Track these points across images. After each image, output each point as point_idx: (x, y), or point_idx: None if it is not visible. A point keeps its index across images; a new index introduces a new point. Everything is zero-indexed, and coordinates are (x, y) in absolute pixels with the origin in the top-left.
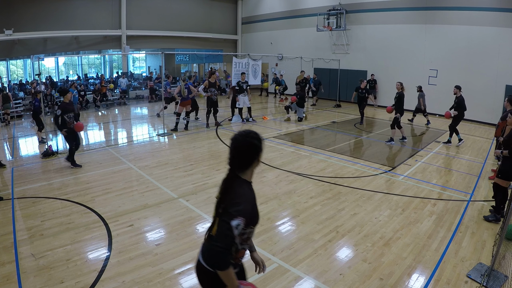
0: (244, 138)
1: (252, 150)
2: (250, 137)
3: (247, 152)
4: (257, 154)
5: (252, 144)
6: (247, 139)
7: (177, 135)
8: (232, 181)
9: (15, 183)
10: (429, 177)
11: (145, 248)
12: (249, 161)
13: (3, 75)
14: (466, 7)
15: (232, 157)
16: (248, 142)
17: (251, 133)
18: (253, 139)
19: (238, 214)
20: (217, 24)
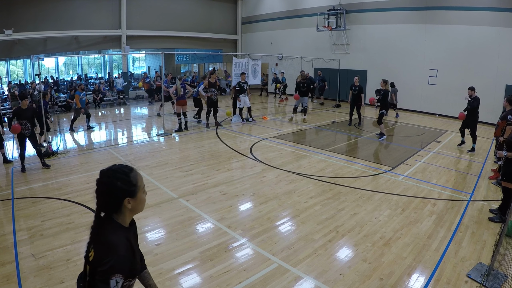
0: (105, 177)
1: (115, 192)
2: (112, 177)
3: (109, 194)
4: (119, 198)
5: (114, 186)
6: (109, 180)
7: (177, 135)
8: (102, 227)
9: (15, 183)
10: (429, 177)
11: (145, 248)
12: (110, 204)
13: (3, 75)
14: (466, 7)
15: (97, 199)
16: (109, 184)
17: (116, 172)
18: (116, 180)
19: (114, 271)
20: (217, 24)
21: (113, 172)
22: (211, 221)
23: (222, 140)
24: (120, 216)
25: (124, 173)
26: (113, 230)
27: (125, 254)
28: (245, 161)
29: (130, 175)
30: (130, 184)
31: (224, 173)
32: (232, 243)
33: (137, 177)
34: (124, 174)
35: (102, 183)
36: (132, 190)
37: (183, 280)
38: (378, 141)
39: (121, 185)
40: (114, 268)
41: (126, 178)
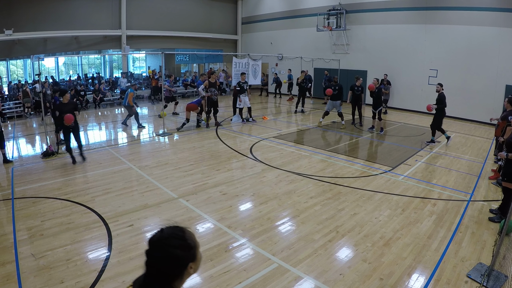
0: (161, 246)
1: (177, 262)
2: (171, 246)
3: (170, 267)
4: (182, 266)
5: (174, 257)
6: (166, 252)
7: (177, 135)
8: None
9: (15, 183)
10: (429, 177)
11: (145, 248)
12: (171, 274)
13: (3, 75)
14: (466, 7)
15: (147, 265)
16: (167, 256)
17: (173, 240)
18: (175, 249)
19: None
20: (217, 24)
21: (168, 241)
22: (211, 221)
23: (222, 140)
24: (176, 282)
25: (180, 237)
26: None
27: None
28: (245, 161)
29: (186, 238)
30: (190, 247)
31: (224, 173)
32: (232, 243)
33: (192, 237)
34: (181, 239)
35: (158, 257)
36: (193, 254)
37: None
38: (378, 142)
39: (182, 253)
40: None
41: (184, 243)
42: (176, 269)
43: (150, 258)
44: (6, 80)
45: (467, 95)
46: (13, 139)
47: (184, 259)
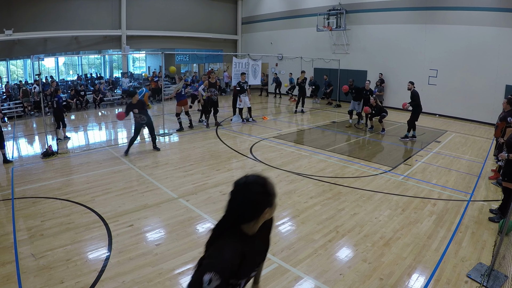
0: (245, 190)
1: (256, 205)
2: (253, 192)
3: (249, 208)
4: (260, 210)
5: (254, 199)
6: (249, 194)
7: (177, 135)
8: (223, 231)
9: (15, 183)
10: (429, 177)
11: (145, 248)
12: (248, 216)
13: (3, 75)
14: (466, 7)
15: (228, 207)
16: (249, 198)
17: (255, 185)
18: (257, 195)
19: (209, 268)
20: (217, 24)
21: (251, 186)
22: (211, 221)
23: (222, 140)
24: (251, 224)
25: (262, 184)
26: (230, 237)
27: (228, 259)
28: (245, 161)
29: (267, 185)
30: (269, 194)
31: (224, 173)
32: None
33: (272, 186)
34: (262, 186)
35: (240, 199)
36: (270, 200)
37: (183, 280)
38: (378, 142)
39: (261, 197)
40: (211, 267)
41: (264, 189)
42: (255, 212)
43: (233, 200)
44: (5, 80)
45: (467, 95)
46: (13, 139)
47: (262, 204)
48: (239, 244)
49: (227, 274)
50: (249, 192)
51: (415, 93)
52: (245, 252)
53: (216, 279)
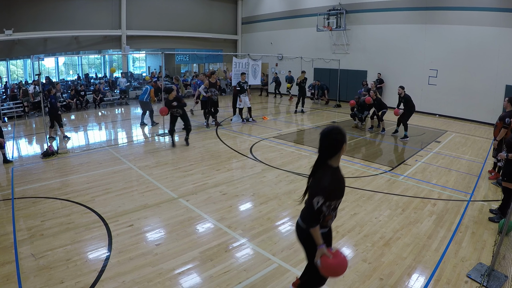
0: (330, 133)
1: (335, 144)
2: (336, 132)
3: (332, 145)
4: (340, 146)
5: (336, 139)
6: (332, 135)
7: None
8: (318, 166)
9: (15, 183)
10: (429, 177)
11: (145, 248)
12: (332, 152)
13: (3, 75)
14: (466, 7)
15: (319, 149)
16: (332, 139)
17: (336, 129)
18: (337, 134)
19: (316, 193)
20: (217, 24)
21: (331, 131)
22: (211, 221)
23: (222, 140)
24: (335, 159)
25: (337, 128)
26: (325, 168)
27: (327, 185)
28: (245, 161)
29: (341, 130)
30: (343, 134)
31: (224, 173)
32: (232, 243)
33: (343, 129)
34: (338, 130)
35: (325, 140)
36: (345, 138)
37: (183, 280)
38: (378, 142)
39: (340, 137)
40: (317, 191)
41: (341, 131)
42: (337, 147)
43: (321, 143)
44: (4, 80)
45: (467, 95)
46: (13, 139)
47: (341, 141)
48: (330, 173)
49: (327, 195)
50: (330, 135)
51: (408, 97)
52: (335, 178)
53: (321, 199)
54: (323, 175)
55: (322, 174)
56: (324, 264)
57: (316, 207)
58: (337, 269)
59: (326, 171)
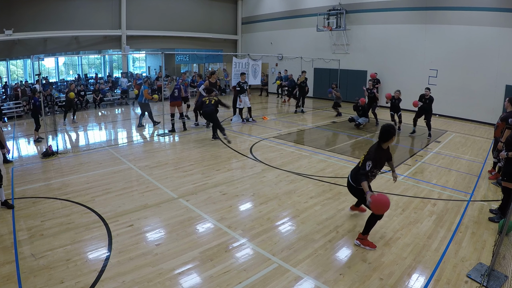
0: (386, 128)
1: (387, 135)
2: (390, 128)
3: (385, 135)
4: (390, 137)
5: (389, 132)
6: (387, 129)
7: (178, 135)
8: (375, 145)
9: (15, 183)
10: (429, 177)
11: (145, 248)
12: (385, 139)
13: (3, 75)
14: (466, 7)
15: (379, 136)
16: (386, 131)
17: (390, 126)
18: (390, 129)
19: (369, 158)
20: (217, 24)
21: (390, 127)
22: (211, 221)
23: (222, 140)
24: (385, 143)
25: (393, 127)
26: (377, 147)
27: (374, 156)
28: (245, 161)
29: (394, 128)
30: (395, 129)
31: (224, 173)
32: (232, 243)
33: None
34: (393, 127)
35: (386, 132)
36: (395, 133)
37: (183, 280)
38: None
39: (393, 130)
40: (369, 158)
41: (393, 128)
42: (389, 136)
43: (381, 133)
44: (4, 81)
45: (467, 95)
46: (13, 139)
47: (393, 134)
48: (379, 150)
49: (374, 163)
50: (389, 129)
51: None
52: (381, 155)
53: (370, 163)
54: (375, 149)
55: (374, 148)
56: (372, 200)
57: (367, 168)
58: (381, 201)
59: (377, 148)
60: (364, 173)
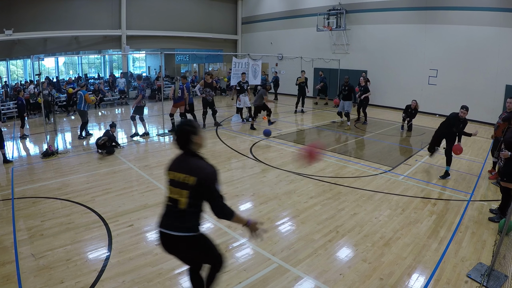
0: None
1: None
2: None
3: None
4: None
5: (183, 130)
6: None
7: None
8: (202, 159)
9: (15, 183)
10: (429, 177)
11: (145, 248)
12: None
13: (3, 75)
14: (466, 7)
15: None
16: (180, 130)
17: (180, 124)
18: (182, 127)
19: (217, 179)
20: (217, 24)
21: (178, 126)
22: (211, 221)
23: (222, 140)
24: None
25: (192, 123)
26: (205, 161)
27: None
28: (245, 161)
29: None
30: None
31: (224, 173)
32: (232, 243)
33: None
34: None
35: (181, 137)
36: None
37: (183, 280)
38: (378, 142)
39: (184, 128)
40: (217, 178)
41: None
42: (189, 136)
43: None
44: (4, 81)
45: (467, 95)
46: (13, 139)
47: (187, 130)
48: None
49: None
50: (181, 128)
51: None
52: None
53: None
54: (207, 163)
55: (206, 163)
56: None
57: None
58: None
59: (203, 159)
60: (222, 203)
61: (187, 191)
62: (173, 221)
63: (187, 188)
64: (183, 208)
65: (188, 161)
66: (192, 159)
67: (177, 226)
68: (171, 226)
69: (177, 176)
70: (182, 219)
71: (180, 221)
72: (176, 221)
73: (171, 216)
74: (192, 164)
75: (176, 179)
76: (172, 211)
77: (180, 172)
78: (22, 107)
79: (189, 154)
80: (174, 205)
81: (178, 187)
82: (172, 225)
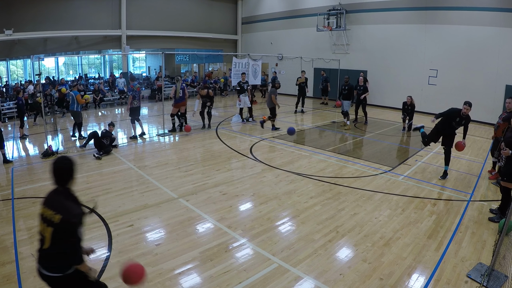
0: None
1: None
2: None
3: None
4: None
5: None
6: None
7: (178, 135)
8: (69, 196)
9: (15, 183)
10: (429, 177)
11: (145, 248)
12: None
13: (3, 75)
14: (466, 7)
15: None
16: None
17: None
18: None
19: (80, 222)
20: (217, 24)
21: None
22: (211, 221)
23: (222, 140)
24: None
25: (59, 160)
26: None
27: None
28: (245, 161)
29: (65, 161)
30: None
31: (224, 173)
32: (232, 243)
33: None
34: (59, 161)
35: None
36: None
37: (183, 280)
38: (378, 142)
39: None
40: (80, 220)
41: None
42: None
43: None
44: (4, 80)
45: (467, 95)
46: (13, 139)
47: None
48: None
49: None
50: (59, 165)
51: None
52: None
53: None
54: (76, 202)
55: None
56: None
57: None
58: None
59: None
60: (79, 247)
61: (51, 228)
62: (43, 258)
63: (52, 225)
64: (47, 246)
65: (59, 198)
66: (63, 196)
67: (45, 265)
68: (42, 264)
69: (46, 212)
70: (48, 257)
71: (46, 259)
72: (43, 258)
73: (42, 253)
74: (62, 202)
75: (44, 214)
76: (41, 248)
77: (49, 208)
78: (22, 107)
79: (62, 191)
80: (42, 242)
81: (45, 223)
82: (42, 263)
